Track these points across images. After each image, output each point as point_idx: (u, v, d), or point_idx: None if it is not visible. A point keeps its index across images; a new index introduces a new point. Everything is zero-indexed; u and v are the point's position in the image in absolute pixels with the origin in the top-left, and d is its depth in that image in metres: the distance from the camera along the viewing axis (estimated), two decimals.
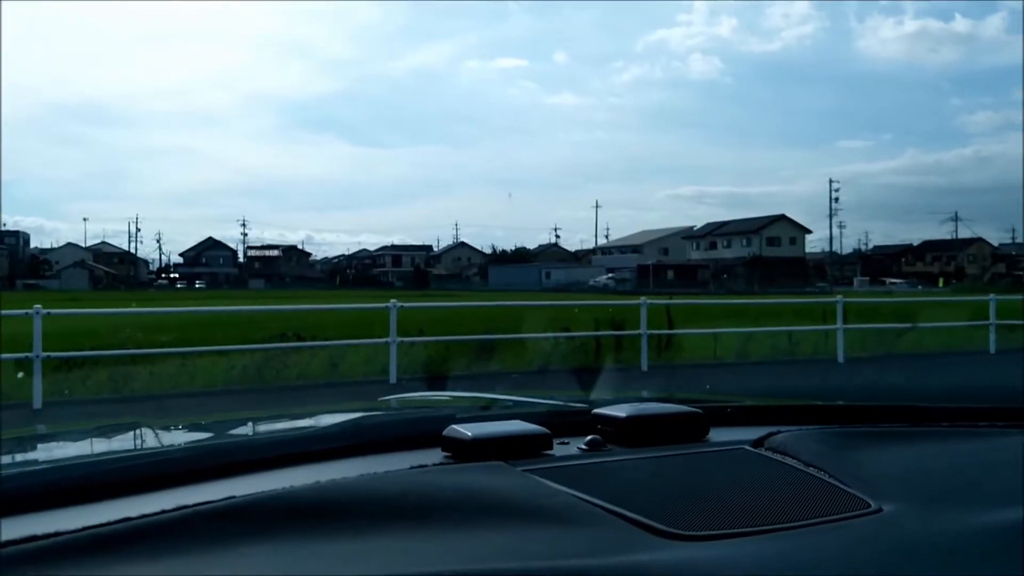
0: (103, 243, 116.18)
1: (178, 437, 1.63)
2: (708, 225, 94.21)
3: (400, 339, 10.83)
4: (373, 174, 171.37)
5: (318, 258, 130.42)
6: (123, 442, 1.63)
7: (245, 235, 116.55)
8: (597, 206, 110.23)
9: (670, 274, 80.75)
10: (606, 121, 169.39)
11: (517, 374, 10.79)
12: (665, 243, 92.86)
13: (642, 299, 12.61)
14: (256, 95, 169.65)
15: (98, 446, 1.59)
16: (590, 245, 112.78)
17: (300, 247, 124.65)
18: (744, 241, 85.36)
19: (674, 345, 13.27)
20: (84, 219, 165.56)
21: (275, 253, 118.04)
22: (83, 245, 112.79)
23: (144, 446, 1.47)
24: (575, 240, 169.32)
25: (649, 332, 12.20)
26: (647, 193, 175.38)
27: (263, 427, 1.72)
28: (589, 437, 1.10)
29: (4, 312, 9.53)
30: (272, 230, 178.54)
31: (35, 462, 1.22)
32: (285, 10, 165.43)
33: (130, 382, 9.43)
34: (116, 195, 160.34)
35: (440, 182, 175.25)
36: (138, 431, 1.69)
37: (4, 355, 8.72)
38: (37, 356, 8.45)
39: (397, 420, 1.47)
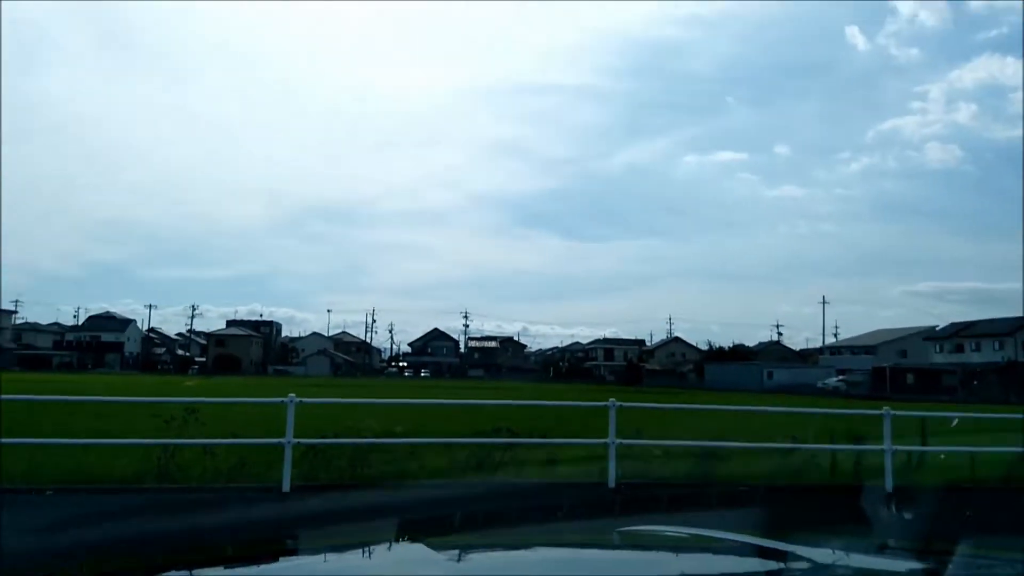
0: (343, 333, 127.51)
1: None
2: (953, 325, 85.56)
3: (618, 440, 10.62)
4: (586, 267, 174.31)
5: (532, 350, 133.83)
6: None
7: (467, 327, 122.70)
8: (824, 302, 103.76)
9: (910, 378, 73.56)
10: (833, 213, 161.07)
11: (745, 487, 10.14)
12: (903, 344, 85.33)
13: (885, 409, 11.52)
14: (478, 194, 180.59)
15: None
16: (816, 344, 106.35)
17: (516, 339, 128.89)
18: (996, 344, 76.48)
19: (924, 463, 11.91)
20: (328, 311, 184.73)
21: (493, 344, 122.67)
22: (326, 334, 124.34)
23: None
24: (800, 338, 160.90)
25: (894, 448, 11.06)
26: (881, 289, 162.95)
27: (595, 571, 1.82)
28: None
29: (264, 400, 10.55)
30: (491, 321, 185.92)
31: None
32: (505, 116, 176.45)
33: (367, 469, 9.95)
34: (355, 288, 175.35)
35: (653, 275, 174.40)
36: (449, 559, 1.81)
37: (260, 440, 9.60)
38: (288, 442, 9.19)
39: None
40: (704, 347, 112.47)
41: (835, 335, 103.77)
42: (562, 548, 2.20)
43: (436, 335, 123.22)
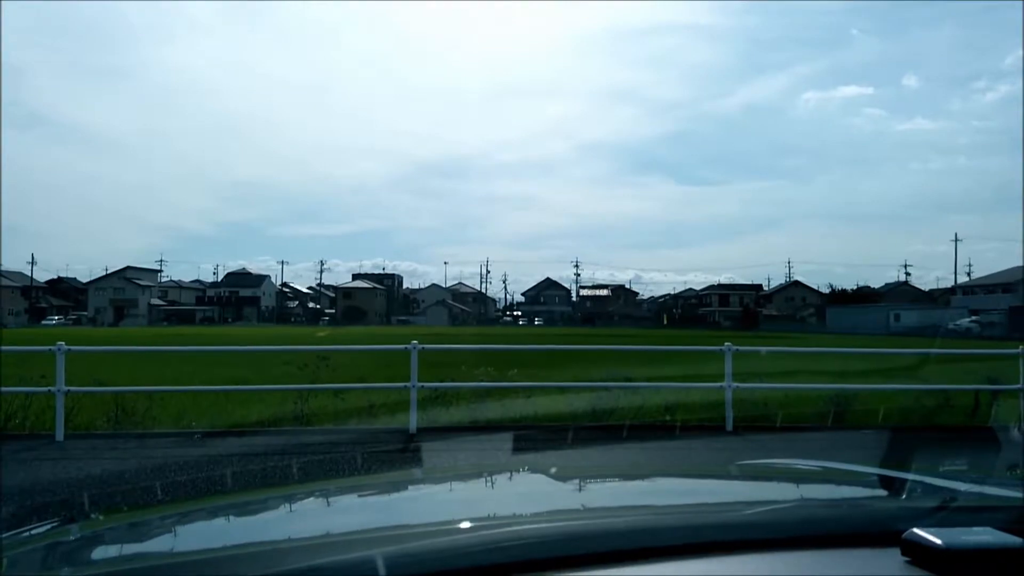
0: (460, 284, 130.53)
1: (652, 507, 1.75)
2: None
3: (736, 384, 10.54)
4: (701, 212, 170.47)
5: (645, 297, 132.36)
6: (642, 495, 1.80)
7: (578, 276, 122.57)
8: (957, 239, 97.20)
9: None
10: (969, 146, 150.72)
11: (870, 430, 9.89)
12: None
13: (1022, 348, 10.92)
14: (589, 142, 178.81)
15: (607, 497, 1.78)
16: (948, 283, 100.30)
17: (628, 287, 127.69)
18: None
19: None
20: (445, 263, 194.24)
21: (605, 293, 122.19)
22: (444, 285, 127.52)
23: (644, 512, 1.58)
24: (930, 278, 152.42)
25: None
26: (1020, 225, 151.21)
27: (713, 499, 1.84)
28: None
29: (390, 347, 11.03)
30: (603, 270, 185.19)
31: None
32: (618, 61, 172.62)
33: (485, 413, 10.31)
34: (469, 240, 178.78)
35: (771, 218, 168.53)
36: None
37: (389, 384, 10.08)
38: (414, 386, 9.66)
39: (854, 515, 1.41)
40: (826, 290, 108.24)
41: (968, 274, 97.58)
42: (680, 478, 2.21)
43: (548, 284, 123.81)
